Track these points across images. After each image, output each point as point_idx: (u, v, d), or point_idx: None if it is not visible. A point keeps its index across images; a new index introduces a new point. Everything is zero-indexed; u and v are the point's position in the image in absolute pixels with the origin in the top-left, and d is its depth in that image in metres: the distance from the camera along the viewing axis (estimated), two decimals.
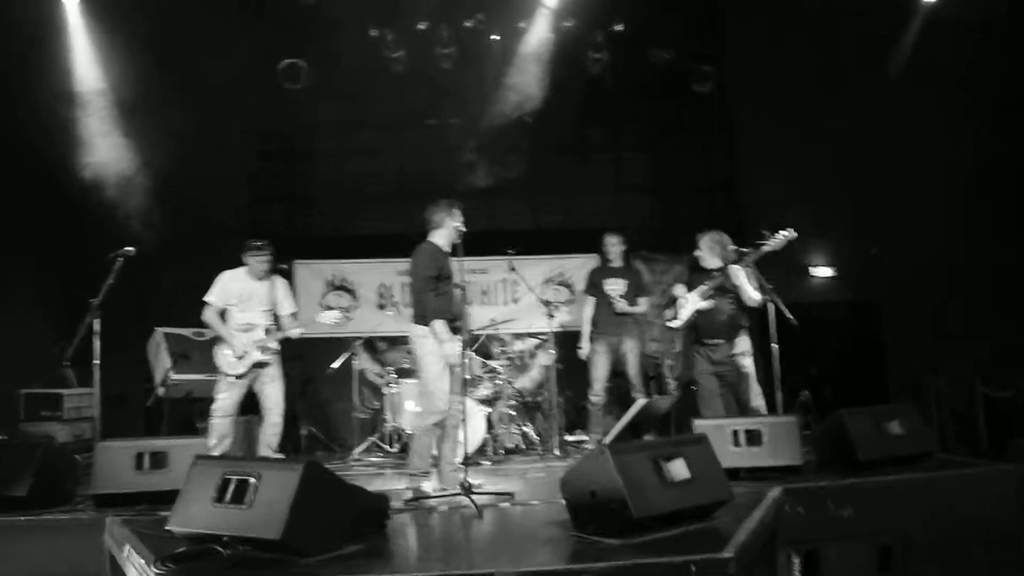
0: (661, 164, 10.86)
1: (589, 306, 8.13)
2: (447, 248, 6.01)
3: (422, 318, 5.86)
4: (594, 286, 8.15)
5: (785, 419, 5.69)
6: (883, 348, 10.12)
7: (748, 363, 6.87)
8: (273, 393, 6.86)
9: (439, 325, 5.77)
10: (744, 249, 6.82)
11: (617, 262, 8.20)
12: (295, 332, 6.95)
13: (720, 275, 6.81)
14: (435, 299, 5.80)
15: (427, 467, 5.77)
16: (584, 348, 8.03)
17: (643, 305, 8.10)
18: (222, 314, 6.87)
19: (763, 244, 6.64)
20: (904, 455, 5.51)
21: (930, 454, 5.73)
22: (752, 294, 6.68)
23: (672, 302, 7.09)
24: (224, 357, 6.77)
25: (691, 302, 6.91)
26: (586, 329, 8.08)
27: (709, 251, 6.97)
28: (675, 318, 7.03)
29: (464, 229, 6.06)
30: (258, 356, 6.76)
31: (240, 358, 6.73)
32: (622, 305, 7.88)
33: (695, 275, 7.12)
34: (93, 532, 4.48)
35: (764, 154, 10.18)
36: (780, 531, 4.60)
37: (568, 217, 10.76)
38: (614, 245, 8.19)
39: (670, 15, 10.12)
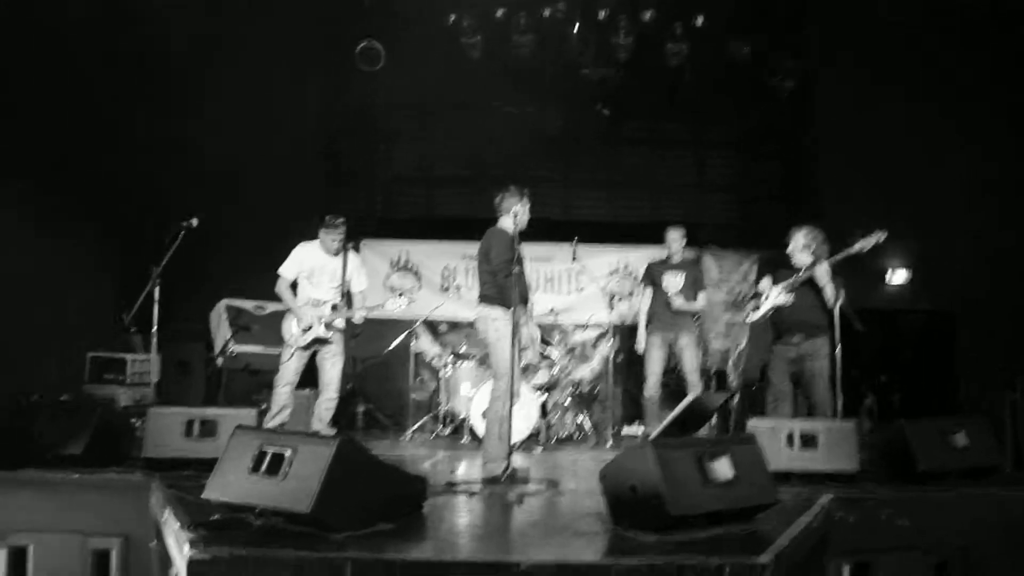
0: (740, 162, 10.65)
1: (646, 299, 7.93)
2: (514, 234, 5.94)
3: (495, 300, 5.82)
4: (651, 279, 7.94)
5: (843, 423, 5.50)
6: (956, 359, 9.78)
7: (823, 366, 6.65)
8: (331, 370, 6.92)
9: (520, 310, 5.73)
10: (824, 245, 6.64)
11: (677, 257, 7.95)
12: (359, 315, 6.97)
13: (807, 272, 6.61)
14: (513, 284, 5.71)
15: (505, 452, 5.59)
16: (640, 342, 7.87)
17: (701, 302, 7.85)
18: (294, 287, 6.94)
19: (854, 243, 6.45)
20: (969, 468, 5.29)
21: (998, 469, 5.48)
22: (833, 294, 6.48)
23: (755, 296, 6.91)
24: (289, 328, 6.85)
25: (772, 296, 6.73)
26: (642, 322, 7.88)
27: (803, 246, 6.75)
28: (754, 311, 6.85)
29: (528, 217, 6.03)
30: (321, 332, 6.81)
31: (305, 331, 6.80)
32: (679, 302, 7.66)
33: (778, 272, 6.92)
34: (140, 494, 4.53)
35: (848, 156, 9.88)
36: (831, 539, 4.44)
37: (643, 210, 10.64)
38: (676, 240, 7.92)
39: (756, 15, 9.94)
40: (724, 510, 3.87)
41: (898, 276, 10.28)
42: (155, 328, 6.67)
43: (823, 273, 6.48)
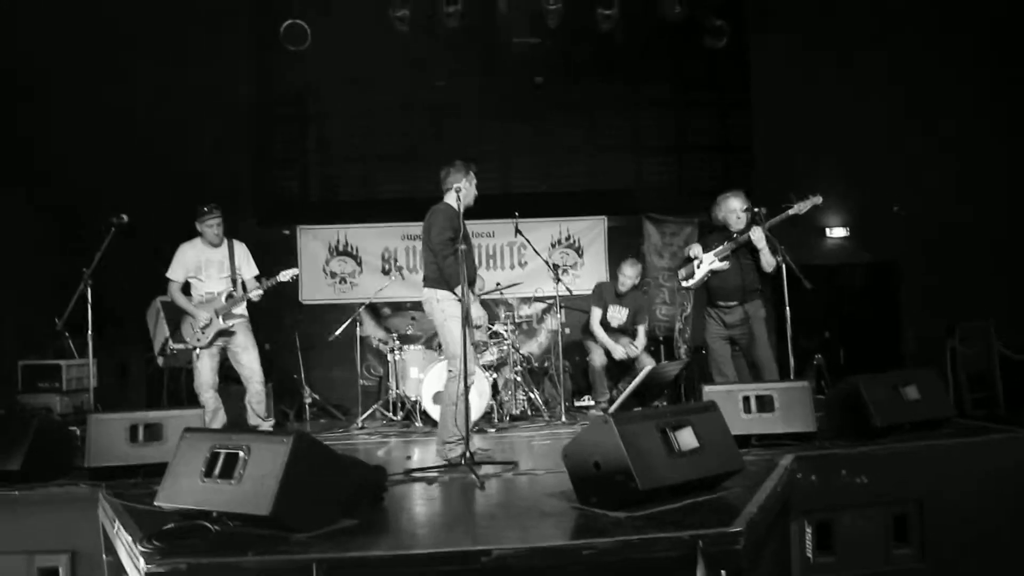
0: (676, 123, 10.64)
1: (595, 317, 8.41)
2: (460, 210, 5.78)
3: (438, 281, 5.68)
4: (600, 301, 8.42)
5: (798, 384, 5.50)
6: (899, 310, 9.94)
7: (761, 328, 6.68)
8: (248, 361, 6.83)
9: (461, 290, 5.58)
10: (758, 210, 6.65)
11: (624, 288, 8.38)
12: (255, 294, 6.90)
13: (739, 236, 6.62)
14: (454, 263, 5.58)
15: (460, 435, 5.48)
16: (595, 355, 8.34)
17: (640, 339, 8.37)
18: (187, 288, 6.80)
19: (789, 208, 6.48)
20: (921, 421, 5.35)
21: (948, 420, 5.56)
22: (770, 258, 6.51)
23: (687, 262, 6.90)
24: (188, 330, 6.73)
25: (706, 262, 6.74)
26: (598, 334, 8.35)
27: (739, 210, 6.75)
28: (689, 278, 6.85)
29: (475, 193, 5.94)
30: (221, 324, 6.69)
31: (204, 328, 6.65)
32: (619, 352, 8.22)
33: (710, 236, 6.94)
34: (87, 506, 4.38)
35: (782, 113, 9.95)
36: (792, 500, 4.46)
37: (579, 179, 10.57)
38: (628, 276, 8.36)
39: None
40: (691, 480, 3.84)
41: (837, 230, 10.38)
42: (90, 331, 6.42)
43: (759, 237, 6.50)
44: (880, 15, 9.46)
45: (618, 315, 8.41)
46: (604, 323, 8.39)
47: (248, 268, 7.07)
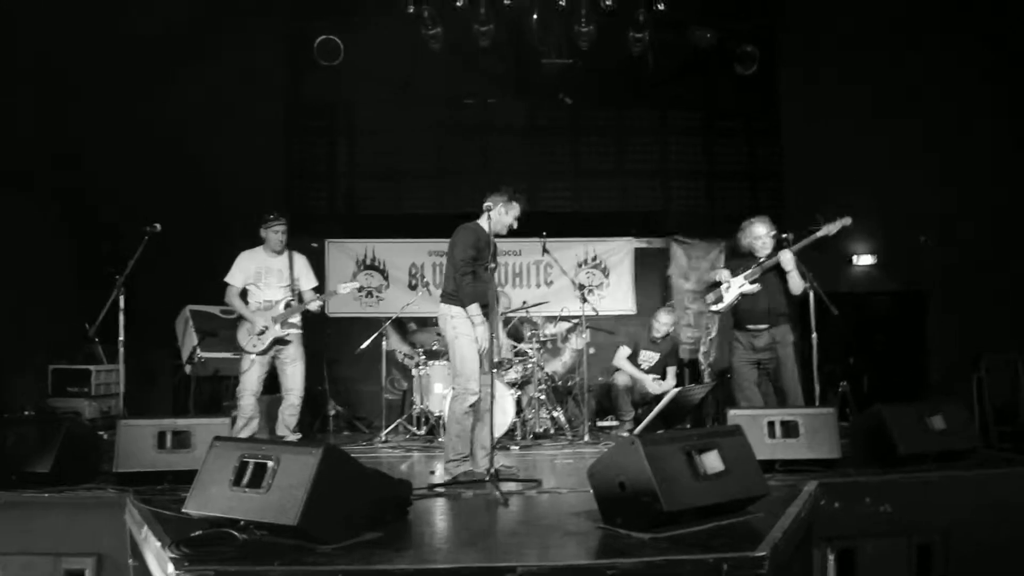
0: (704, 148, 10.64)
1: (623, 357, 8.59)
2: (491, 233, 5.74)
3: (454, 298, 5.68)
4: (631, 345, 8.62)
5: (823, 411, 5.50)
6: (925, 339, 9.87)
7: (789, 353, 6.65)
8: (293, 374, 6.90)
9: (474, 309, 5.60)
10: (786, 235, 6.63)
11: (658, 335, 8.55)
12: (314, 305, 7.00)
13: (768, 259, 6.60)
14: (472, 283, 5.60)
15: (465, 451, 5.60)
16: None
17: (669, 380, 8.51)
18: (244, 294, 6.89)
19: (817, 230, 6.46)
20: (946, 451, 5.32)
21: (974, 451, 5.53)
22: (799, 281, 6.48)
23: (715, 286, 6.87)
24: (244, 335, 6.78)
25: (735, 286, 6.71)
26: (627, 369, 8.50)
27: (764, 235, 6.72)
28: (718, 302, 6.83)
29: (510, 222, 5.90)
30: (278, 331, 6.77)
31: (260, 335, 6.72)
32: (651, 387, 8.36)
33: (737, 260, 6.92)
34: (114, 510, 4.41)
35: (810, 141, 9.95)
36: (815, 527, 4.44)
37: (607, 200, 10.59)
38: (664, 324, 8.54)
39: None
40: (716, 503, 3.84)
41: (865, 258, 10.33)
42: (121, 337, 6.51)
43: (788, 260, 6.49)
44: (911, 43, 9.45)
45: (649, 359, 8.54)
46: (634, 364, 8.53)
47: (307, 279, 7.18)
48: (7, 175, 7.75)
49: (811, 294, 6.46)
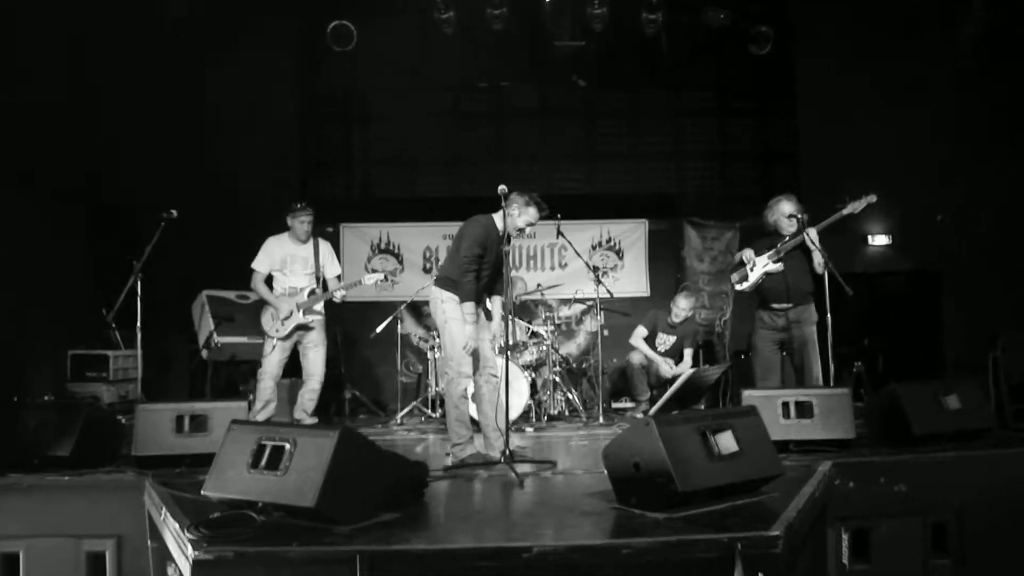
0: (719, 129, 10.60)
1: (639, 337, 8.66)
2: (502, 231, 5.70)
3: (447, 282, 5.69)
4: (652, 326, 8.67)
5: (838, 391, 5.48)
6: (940, 319, 9.83)
7: (812, 332, 6.59)
8: (315, 358, 6.99)
9: (469, 307, 5.58)
10: (801, 216, 6.59)
11: (678, 320, 8.59)
12: (338, 294, 7.06)
13: (793, 237, 6.56)
14: (473, 282, 5.58)
15: (468, 434, 5.64)
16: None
17: (686, 362, 8.56)
18: (269, 280, 6.97)
19: (843, 207, 6.41)
20: (961, 430, 5.31)
21: (989, 430, 5.51)
22: (822, 259, 6.43)
23: (740, 265, 6.82)
24: (269, 320, 6.88)
25: (759, 265, 6.65)
26: (643, 350, 8.62)
27: (790, 213, 6.65)
28: (743, 281, 6.78)
29: (524, 231, 5.80)
30: (301, 318, 6.84)
31: (285, 320, 6.80)
32: (664, 370, 8.43)
33: (762, 239, 6.85)
34: (133, 493, 4.48)
35: (825, 121, 9.90)
36: (830, 507, 4.45)
37: (621, 182, 10.58)
38: (683, 308, 8.54)
39: None
40: (730, 484, 3.85)
41: (880, 238, 10.28)
42: (139, 323, 6.57)
43: (814, 238, 6.44)
44: (925, 22, 9.38)
45: (665, 342, 8.60)
46: (650, 346, 8.59)
47: (332, 267, 7.27)
48: (26, 163, 7.79)
49: (826, 274, 6.42)
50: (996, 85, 9.21)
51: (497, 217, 5.74)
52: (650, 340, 8.57)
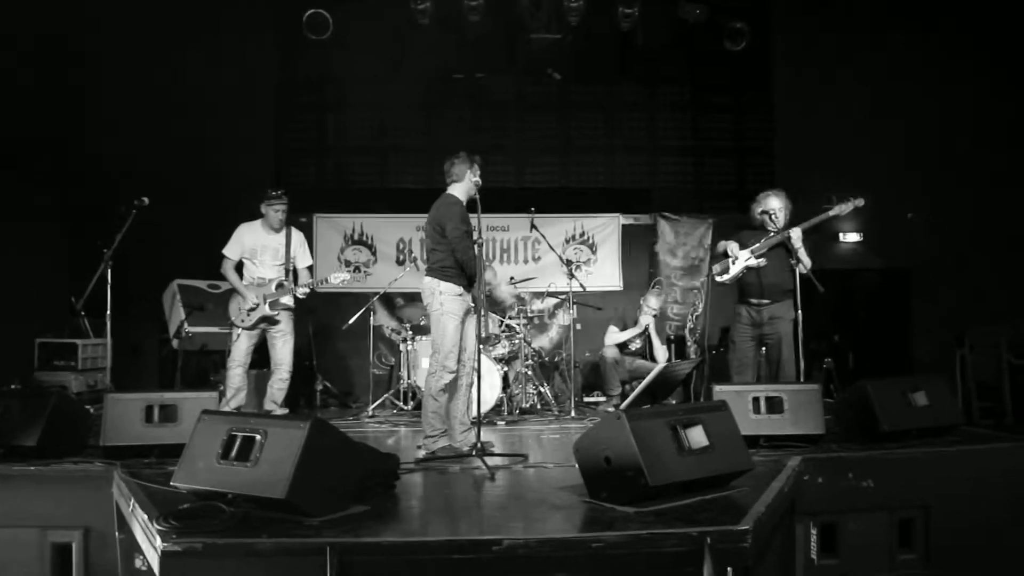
0: (693, 124, 10.64)
1: (612, 339, 8.75)
2: (465, 202, 5.81)
3: (442, 272, 5.66)
4: (619, 325, 8.83)
5: (808, 387, 5.52)
6: (910, 316, 9.94)
7: (789, 330, 6.60)
8: (282, 349, 6.96)
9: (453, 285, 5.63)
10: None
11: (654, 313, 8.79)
12: (301, 291, 7.01)
13: (781, 234, 6.58)
14: (474, 256, 5.58)
15: (442, 427, 5.64)
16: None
17: (659, 356, 8.64)
18: (239, 267, 6.91)
19: (828, 208, 6.46)
20: (929, 427, 5.37)
21: (955, 427, 5.58)
22: (806, 259, 6.46)
23: (723, 257, 6.81)
24: (235, 309, 6.84)
25: (742, 259, 6.67)
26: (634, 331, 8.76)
27: (779, 208, 6.67)
28: (724, 273, 6.78)
29: (480, 183, 5.86)
30: (267, 310, 6.80)
31: (250, 311, 6.76)
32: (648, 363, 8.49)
33: (745, 233, 6.87)
34: (101, 484, 4.42)
35: (799, 117, 9.99)
36: (799, 502, 4.49)
37: (595, 176, 10.60)
38: (652, 308, 8.73)
39: None
40: (700, 478, 3.88)
41: (850, 235, 10.37)
42: (108, 311, 6.51)
43: (797, 239, 6.48)
44: (900, 20, 9.47)
45: (637, 341, 8.69)
46: (622, 345, 8.66)
47: (303, 257, 7.22)
48: None
49: (797, 271, 6.46)
50: (968, 86, 9.31)
51: (454, 190, 5.83)
52: (622, 341, 8.63)
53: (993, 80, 9.31)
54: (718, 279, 6.85)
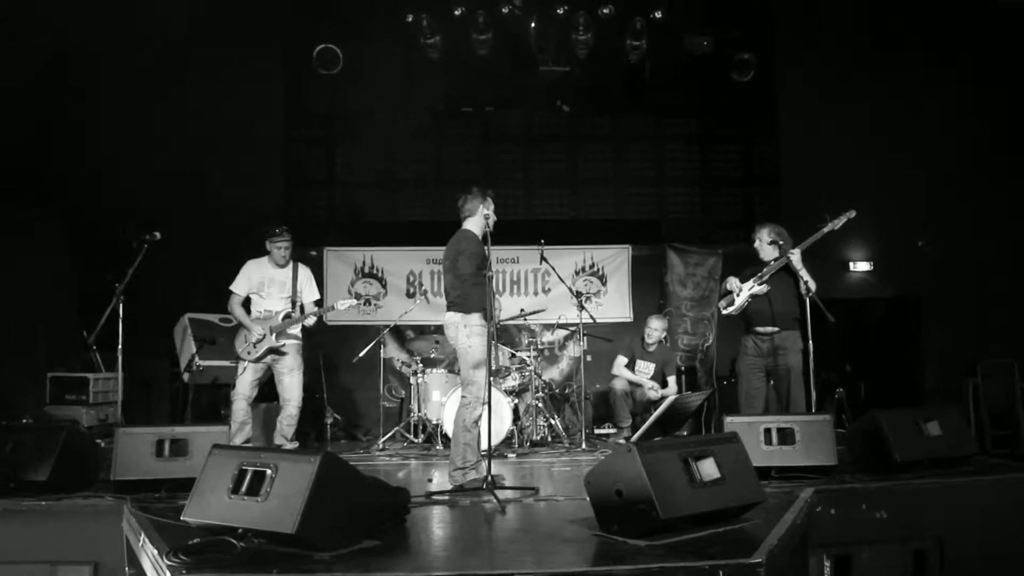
0: (701, 155, 10.69)
1: (621, 366, 8.69)
2: (480, 236, 5.83)
3: (465, 306, 5.68)
4: (631, 355, 8.69)
5: (820, 417, 5.49)
6: (921, 345, 9.89)
7: (797, 360, 6.58)
8: (290, 384, 6.93)
9: (479, 318, 5.64)
10: (782, 242, 6.63)
11: (653, 345, 8.67)
12: (308, 320, 7.02)
13: (780, 261, 6.58)
14: (482, 292, 5.61)
15: (474, 459, 5.57)
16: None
17: (671, 387, 8.54)
18: (246, 303, 6.93)
19: (823, 226, 6.46)
20: (942, 457, 5.33)
21: (969, 457, 5.54)
22: (810, 279, 6.44)
23: (727, 294, 6.83)
24: (241, 341, 6.85)
25: (746, 289, 6.67)
26: (625, 377, 8.62)
27: (770, 241, 6.72)
28: (730, 305, 6.77)
29: (495, 218, 5.90)
30: (273, 342, 6.80)
31: (256, 343, 6.76)
32: (653, 393, 8.43)
33: (747, 268, 6.88)
34: (111, 518, 4.42)
35: (808, 147, 10.01)
36: (812, 533, 4.45)
37: (604, 208, 10.64)
38: (656, 330, 8.66)
39: (714, 9, 9.95)
40: (712, 511, 3.85)
41: (861, 264, 10.35)
42: (120, 345, 6.53)
43: (797, 260, 6.47)
44: (904, 51, 9.53)
45: (646, 370, 8.60)
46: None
47: (309, 292, 7.21)
48: (7, 182, 7.76)
49: (807, 301, 6.44)
50: (977, 117, 9.34)
51: (469, 225, 5.87)
52: (630, 368, 8.58)
53: (1008, 109, 9.32)
54: (724, 311, 6.87)
